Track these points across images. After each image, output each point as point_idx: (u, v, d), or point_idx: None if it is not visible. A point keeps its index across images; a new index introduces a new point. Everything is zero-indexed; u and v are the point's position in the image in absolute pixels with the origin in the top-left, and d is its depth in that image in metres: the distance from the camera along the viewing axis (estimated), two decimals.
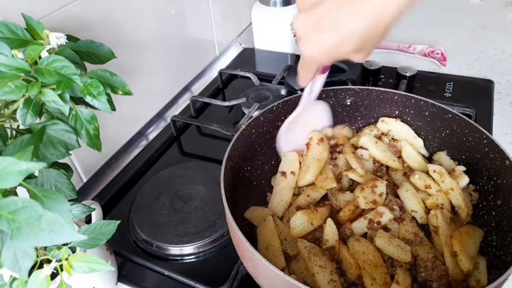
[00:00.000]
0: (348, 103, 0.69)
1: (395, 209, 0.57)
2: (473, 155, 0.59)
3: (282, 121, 0.64)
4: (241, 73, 0.98)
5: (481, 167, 0.58)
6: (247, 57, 1.11)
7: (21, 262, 0.36)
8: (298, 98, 0.64)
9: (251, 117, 0.63)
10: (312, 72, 0.51)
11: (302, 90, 0.60)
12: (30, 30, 0.42)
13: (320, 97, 0.66)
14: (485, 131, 0.57)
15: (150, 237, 0.62)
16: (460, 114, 0.61)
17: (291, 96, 0.65)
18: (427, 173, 0.61)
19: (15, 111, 0.40)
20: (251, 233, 0.57)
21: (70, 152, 0.43)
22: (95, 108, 0.44)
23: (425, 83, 0.91)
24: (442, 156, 0.64)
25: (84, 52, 0.46)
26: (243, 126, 0.59)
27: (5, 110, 0.40)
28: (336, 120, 0.70)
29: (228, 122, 0.87)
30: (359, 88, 0.67)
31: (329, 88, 0.67)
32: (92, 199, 0.70)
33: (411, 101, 0.65)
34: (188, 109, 0.90)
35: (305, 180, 0.62)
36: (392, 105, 0.67)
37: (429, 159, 0.66)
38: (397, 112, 0.68)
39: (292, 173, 0.63)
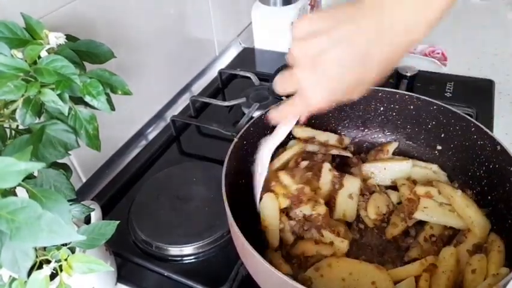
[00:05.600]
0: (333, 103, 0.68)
1: None
2: (462, 143, 0.60)
3: (272, 129, 0.63)
4: (241, 73, 0.98)
5: (471, 154, 0.59)
6: (247, 57, 1.11)
7: (20, 262, 0.36)
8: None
9: (252, 117, 0.62)
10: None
11: (288, 97, 0.54)
12: (30, 30, 0.42)
13: None
14: (472, 120, 0.58)
15: (150, 238, 0.62)
16: (445, 105, 0.61)
17: (279, 102, 0.63)
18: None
19: (14, 111, 0.39)
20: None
21: (69, 152, 0.43)
22: (95, 108, 0.43)
23: (425, 82, 0.91)
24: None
25: (83, 52, 0.46)
26: (235, 140, 0.58)
27: (4, 109, 0.40)
28: (323, 122, 0.69)
29: (228, 122, 0.87)
30: None
31: None
32: (92, 199, 0.70)
33: (396, 97, 0.66)
34: (188, 109, 0.90)
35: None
36: (376, 101, 0.68)
37: None
38: (382, 108, 0.68)
39: None
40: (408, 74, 0.90)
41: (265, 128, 0.64)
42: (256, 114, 0.63)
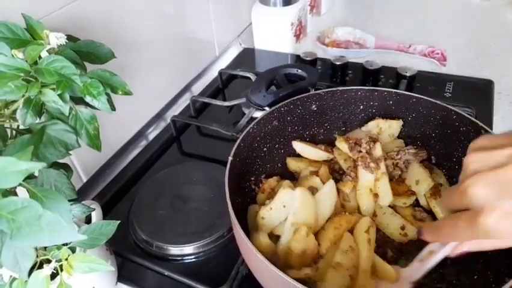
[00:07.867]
0: (315, 108, 0.68)
1: None
2: (444, 131, 0.62)
3: (258, 142, 0.63)
4: (241, 73, 0.98)
5: (454, 140, 0.61)
6: (247, 57, 1.11)
7: (21, 262, 0.36)
8: (270, 115, 0.63)
9: (251, 117, 0.62)
10: (468, 240, 0.39)
11: (270, 105, 0.50)
12: (30, 30, 0.42)
13: (288, 108, 0.65)
14: (452, 107, 0.60)
15: (150, 237, 0.62)
16: (424, 97, 0.62)
17: (262, 115, 0.63)
18: None
19: (15, 111, 0.39)
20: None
21: (70, 152, 0.43)
22: (95, 108, 0.44)
23: (425, 83, 0.91)
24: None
25: (84, 52, 0.46)
26: (230, 159, 0.56)
27: (5, 110, 0.40)
28: (305, 128, 0.69)
29: (228, 122, 0.87)
30: (323, 92, 0.67)
31: (295, 98, 0.66)
32: (92, 199, 0.70)
33: (375, 94, 0.67)
34: (188, 109, 0.90)
35: None
36: (356, 101, 0.68)
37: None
38: (362, 107, 0.68)
39: None
40: (408, 74, 0.90)
41: (266, 127, 0.64)
42: (256, 114, 0.63)
